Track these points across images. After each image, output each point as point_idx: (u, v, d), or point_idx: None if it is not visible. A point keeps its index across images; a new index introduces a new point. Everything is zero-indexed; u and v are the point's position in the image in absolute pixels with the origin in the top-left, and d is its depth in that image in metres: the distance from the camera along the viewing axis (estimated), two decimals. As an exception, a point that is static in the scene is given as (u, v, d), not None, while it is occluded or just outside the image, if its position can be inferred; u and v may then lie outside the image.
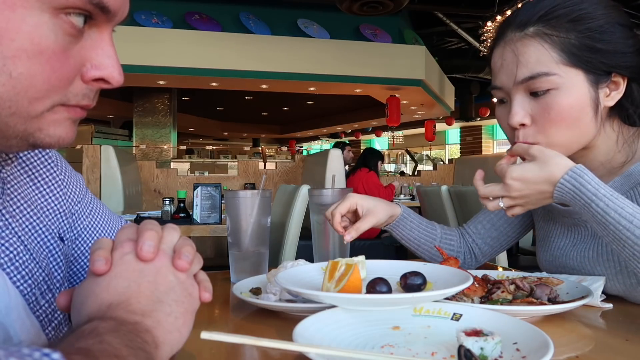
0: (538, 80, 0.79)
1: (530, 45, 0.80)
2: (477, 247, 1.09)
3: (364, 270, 0.73)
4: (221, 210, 2.31)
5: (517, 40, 0.82)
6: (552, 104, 0.79)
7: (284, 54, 6.95)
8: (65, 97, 0.46)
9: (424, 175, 6.63)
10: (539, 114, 0.81)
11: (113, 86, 0.49)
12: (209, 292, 0.49)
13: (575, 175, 0.71)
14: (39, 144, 0.47)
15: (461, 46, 10.34)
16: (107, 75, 0.48)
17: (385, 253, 4.28)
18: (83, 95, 0.48)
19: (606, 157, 0.86)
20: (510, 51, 0.82)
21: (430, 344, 0.55)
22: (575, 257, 0.88)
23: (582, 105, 0.80)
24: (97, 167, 3.61)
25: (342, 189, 1.04)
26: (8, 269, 0.51)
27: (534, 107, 0.81)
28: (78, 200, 0.70)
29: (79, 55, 0.46)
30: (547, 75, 0.79)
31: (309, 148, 18.94)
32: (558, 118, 0.80)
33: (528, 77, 0.80)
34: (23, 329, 0.50)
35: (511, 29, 0.83)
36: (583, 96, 0.79)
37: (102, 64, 0.47)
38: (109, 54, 0.48)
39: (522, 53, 0.81)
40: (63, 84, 0.45)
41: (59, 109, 0.47)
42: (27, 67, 0.42)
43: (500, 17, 6.34)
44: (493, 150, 14.14)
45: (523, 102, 0.82)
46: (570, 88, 0.79)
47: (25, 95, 0.43)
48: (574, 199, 0.72)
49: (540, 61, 0.79)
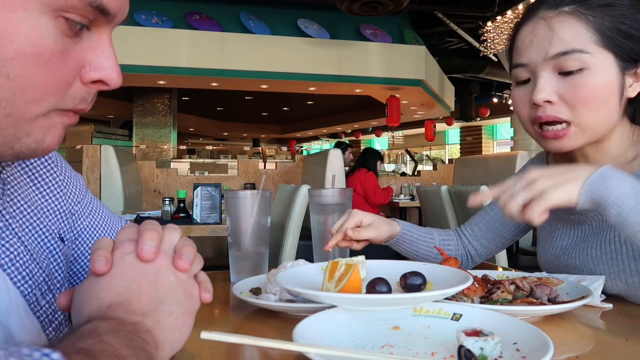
0: (571, 57, 0.78)
1: (566, 21, 0.79)
2: (473, 248, 1.10)
3: (364, 270, 0.73)
4: (221, 210, 2.31)
5: (553, 16, 0.80)
6: (583, 83, 0.78)
7: (284, 54, 6.95)
8: (62, 100, 0.46)
9: (424, 175, 6.63)
10: (567, 93, 0.79)
11: (111, 88, 0.49)
12: (209, 293, 0.49)
13: (606, 169, 0.68)
14: (24, 151, 0.46)
15: (461, 46, 10.33)
16: (106, 77, 0.47)
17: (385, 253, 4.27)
18: (81, 98, 0.47)
19: (617, 153, 0.86)
20: (545, 26, 0.81)
21: (430, 344, 0.55)
22: (578, 255, 0.88)
23: (610, 89, 0.79)
24: (97, 167, 3.61)
25: (342, 189, 1.04)
26: (9, 269, 0.51)
27: (562, 85, 0.80)
28: (78, 200, 0.70)
29: (78, 57, 0.46)
30: (580, 52, 0.78)
31: (309, 148, 18.93)
32: (588, 97, 0.78)
33: (562, 52, 0.78)
34: (23, 330, 0.50)
35: (544, 8, 0.82)
36: (612, 80, 0.79)
37: (101, 65, 0.47)
38: (108, 55, 0.47)
39: (558, 28, 0.79)
40: (62, 87, 0.45)
41: (54, 115, 0.46)
42: (26, 69, 0.41)
43: (500, 17, 6.34)
44: (493, 150, 14.15)
45: (550, 79, 0.80)
46: (601, 69, 0.78)
47: (22, 96, 0.42)
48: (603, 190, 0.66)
49: (576, 38, 0.78)
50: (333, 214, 1.02)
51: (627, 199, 0.66)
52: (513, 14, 6.01)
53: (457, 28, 8.78)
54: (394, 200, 4.98)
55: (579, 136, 0.82)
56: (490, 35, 6.61)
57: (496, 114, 12.38)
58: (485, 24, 6.72)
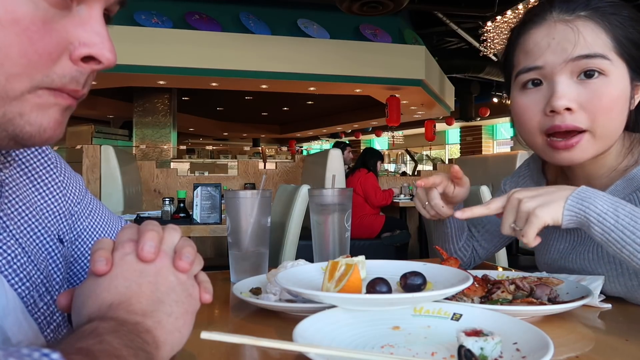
0: (593, 61, 0.75)
1: (588, 25, 0.77)
2: (475, 251, 1.10)
3: (364, 270, 0.73)
4: (221, 210, 2.31)
5: (573, 20, 0.78)
6: (603, 91, 0.76)
7: (284, 54, 6.95)
8: (48, 77, 0.43)
9: (424, 175, 6.63)
10: (587, 100, 0.76)
11: (105, 66, 0.46)
12: (209, 294, 0.49)
13: (584, 189, 0.69)
14: (19, 134, 0.43)
15: (461, 46, 10.33)
16: (97, 53, 0.44)
17: (385, 253, 4.28)
18: (71, 77, 0.44)
19: (616, 162, 0.84)
20: (565, 28, 0.78)
21: (430, 344, 0.55)
22: (575, 259, 0.87)
23: (624, 97, 0.78)
24: (97, 167, 3.61)
25: (342, 189, 1.04)
26: (6, 271, 0.51)
27: (581, 92, 0.76)
28: (78, 201, 0.70)
29: (65, 31, 0.43)
30: (603, 57, 0.76)
31: (308, 148, 18.94)
32: (608, 106, 0.76)
33: (586, 54, 0.76)
34: (21, 332, 0.50)
35: (557, 11, 0.80)
36: (625, 89, 0.78)
37: (90, 41, 0.44)
38: (99, 31, 0.45)
39: (581, 31, 0.77)
40: (44, 60, 0.42)
41: (43, 93, 0.43)
42: (1, 36, 0.39)
43: (500, 17, 6.34)
44: (493, 150, 14.14)
45: (569, 84, 0.77)
46: (618, 77, 0.77)
47: (2, 70, 0.40)
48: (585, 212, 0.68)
49: (598, 43, 0.76)
50: (333, 214, 1.02)
51: (607, 217, 0.66)
52: (513, 14, 6.01)
53: (457, 28, 8.79)
54: (394, 200, 4.98)
55: (591, 146, 0.79)
56: (490, 35, 6.62)
57: (496, 113, 12.38)
58: (485, 24, 6.73)
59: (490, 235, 1.08)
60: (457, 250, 1.06)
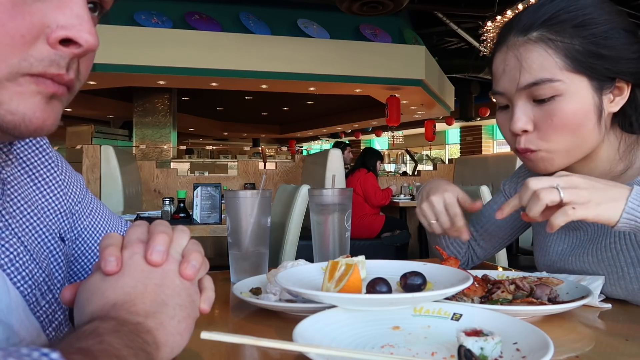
0: (541, 87, 0.78)
1: (534, 50, 0.78)
2: (473, 250, 1.10)
3: (364, 270, 0.73)
4: (221, 210, 2.31)
5: (520, 45, 0.80)
6: (556, 111, 0.78)
7: (284, 54, 6.95)
8: (25, 61, 0.42)
9: (424, 175, 6.62)
10: (541, 121, 0.79)
11: (85, 50, 0.44)
12: (207, 305, 0.49)
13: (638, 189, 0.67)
14: (2, 123, 0.42)
15: (461, 46, 10.33)
16: (74, 35, 0.43)
17: (385, 253, 4.28)
18: (50, 61, 0.43)
19: (608, 167, 0.85)
20: (513, 56, 0.81)
21: (430, 344, 0.55)
22: (575, 262, 0.87)
23: (585, 111, 0.78)
24: (97, 167, 3.61)
25: (342, 189, 1.04)
26: (8, 269, 0.51)
27: (537, 113, 0.80)
28: (78, 200, 0.70)
29: (40, 12, 0.42)
30: (550, 81, 0.77)
31: (309, 148, 18.93)
32: (561, 124, 0.78)
33: (531, 83, 0.78)
34: (23, 330, 0.50)
35: (514, 34, 0.81)
36: (587, 102, 0.78)
37: (68, 23, 0.43)
38: (78, 13, 0.43)
39: (525, 58, 0.79)
40: (18, 44, 0.41)
41: (24, 80, 0.42)
42: None
43: (500, 17, 6.34)
44: (493, 150, 14.14)
45: (525, 108, 0.81)
46: (574, 94, 0.77)
47: None
48: None
49: (544, 67, 0.78)
50: (333, 214, 1.02)
51: None
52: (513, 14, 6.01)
53: (457, 28, 8.78)
54: (394, 200, 4.98)
55: (553, 160, 0.82)
56: (490, 35, 6.61)
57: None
58: (485, 24, 6.72)
59: (490, 235, 1.08)
60: (449, 245, 1.07)
